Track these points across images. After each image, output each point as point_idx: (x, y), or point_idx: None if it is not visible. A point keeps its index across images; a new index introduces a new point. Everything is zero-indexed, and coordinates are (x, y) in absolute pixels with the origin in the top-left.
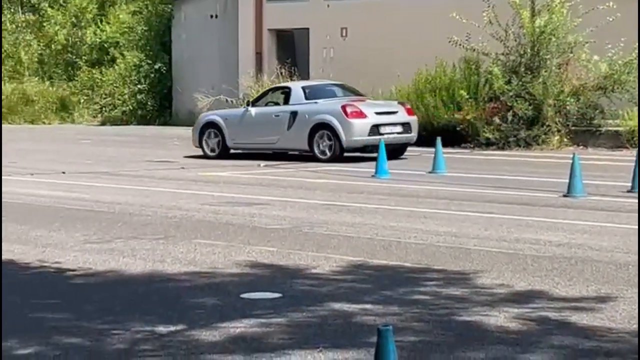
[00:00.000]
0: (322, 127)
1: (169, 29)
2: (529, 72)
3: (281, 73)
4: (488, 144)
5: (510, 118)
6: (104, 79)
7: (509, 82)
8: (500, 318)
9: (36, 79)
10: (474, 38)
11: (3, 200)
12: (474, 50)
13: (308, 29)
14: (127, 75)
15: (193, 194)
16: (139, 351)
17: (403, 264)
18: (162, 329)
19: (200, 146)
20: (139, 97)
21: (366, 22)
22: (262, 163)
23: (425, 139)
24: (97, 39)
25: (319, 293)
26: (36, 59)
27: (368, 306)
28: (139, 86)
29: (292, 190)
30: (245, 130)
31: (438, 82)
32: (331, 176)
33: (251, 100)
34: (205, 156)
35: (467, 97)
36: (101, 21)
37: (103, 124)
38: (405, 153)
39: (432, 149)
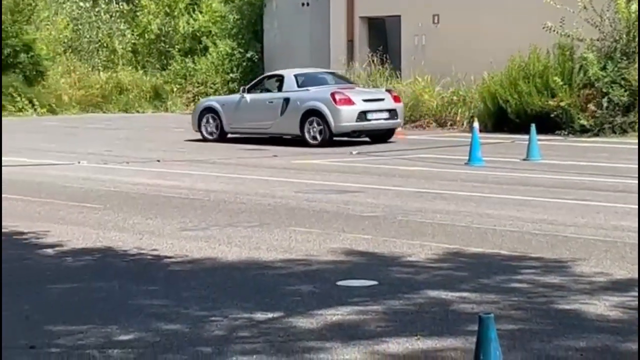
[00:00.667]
0: (312, 114)
1: (261, 17)
2: (625, 58)
3: (372, 61)
4: (582, 131)
5: (605, 104)
6: (196, 67)
7: (604, 68)
8: (600, 307)
9: (130, 68)
10: (568, 24)
11: (100, 187)
12: (568, 36)
13: (399, 16)
14: (219, 64)
15: (286, 181)
16: (237, 338)
17: (499, 252)
18: (259, 315)
19: (199, 130)
20: (231, 85)
21: (458, 8)
22: (355, 151)
23: (518, 126)
24: (190, 28)
25: (415, 281)
26: (130, 49)
27: (465, 294)
28: (231, 75)
29: (385, 178)
30: (241, 115)
31: (532, 68)
32: (424, 164)
33: (247, 86)
34: (204, 139)
35: (561, 83)
36: (194, 10)
37: None
38: (498, 140)
39: (526, 136)
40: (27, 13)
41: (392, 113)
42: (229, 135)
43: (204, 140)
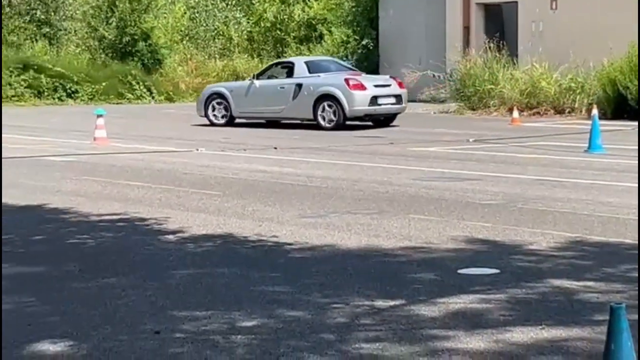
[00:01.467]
0: (326, 98)
1: (376, 4)
2: None
3: (489, 47)
4: None
5: None
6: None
7: None
8: None
9: (245, 56)
10: None
11: (219, 174)
12: None
13: (516, 2)
14: (334, 52)
15: (404, 169)
16: (360, 325)
17: (623, 241)
18: (381, 303)
19: (206, 115)
20: None
21: None
22: (472, 138)
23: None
24: (305, 16)
25: (538, 269)
26: (245, 37)
27: (590, 283)
28: (346, 62)
29: (504, 166)
30: (251, 100)
31: None
32: (543, 151)
33: (256, 73)
34: (211, 124)
35: None
36: None
37: None
38: (618, 127)
39: None
40: (145, 2)
41: (399, 98)
42: (237, 120)
43: (211, 124)
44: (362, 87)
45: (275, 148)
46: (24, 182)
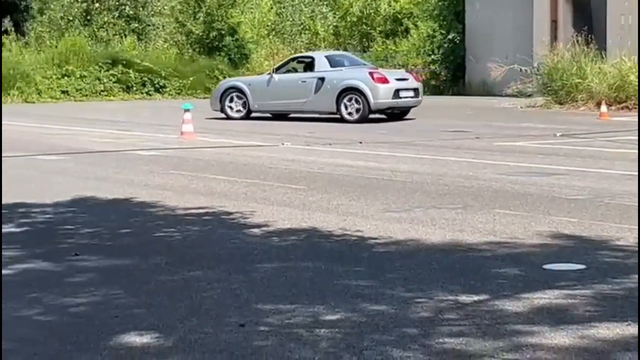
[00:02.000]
0: (350, 91)
1: None
2: None
3: (577, 41)
4: None
5: None
6: (397, 49)
7: None
8: None
9: (332, 51)
10: None
11: (304, 168)
12: None
13: None
14: (420, 46)
15: (489, 163)
16: (443, 320)
17: None
18: (465, 298)
19: (222, 109)
20: (432, 67)
21: None
22: (559, 133)
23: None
24: (391, 10)
25: (625, 265)
26: (332, 31)
27: None
28: (432, 56)
29: (591, 161)
30: (270, 94)
31: None
32: (631, 146)
33: (274, 67)
34: (228, 117)
35: None
36: None
37: None
38: None
39: None
40: None
41: (416, 92)
42: (254, 114)
43: (228, 118)
44: (385, 81)
45: (361, 142)
46: (112, 175)
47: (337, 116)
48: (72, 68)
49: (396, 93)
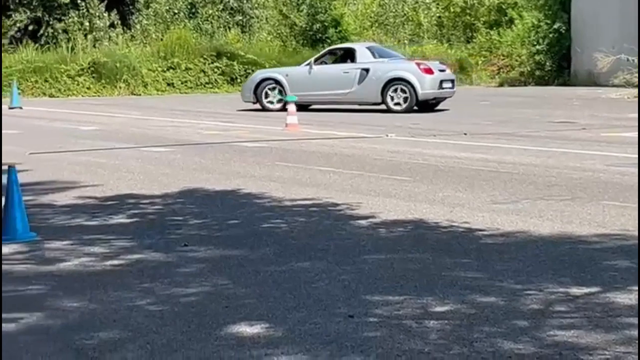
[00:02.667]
0: (396, 82)
1: None
2: None
3: None
4: None
5: None
6: (501, 40)
7: None
8: None
9: (435, 41)
10: None
11: (409, 160)
12: None
13: None
14: (525, 36)
15: (596, 154)
16: (554, 312)
17: None
18: (575, 290)
19: (259, 101)
20: (537, 57)
21: None
22: None
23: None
24: (495, 0)
25: None
26: (435, 22)
27: None
28: (537, 47)
29: None
30: (309, 85)
31: None
32: None
33: (314, 58)
34: (264, 109)
35: None
36: None
37: (500, 85)
38: None
39: None
40: None
41: (453, 83)
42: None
43: (264, 109)
44: (431, 72)
45: (465, 134)
46: (219, 167)
47: (382, 107)
48: (178, 61)
49: (440, 83)
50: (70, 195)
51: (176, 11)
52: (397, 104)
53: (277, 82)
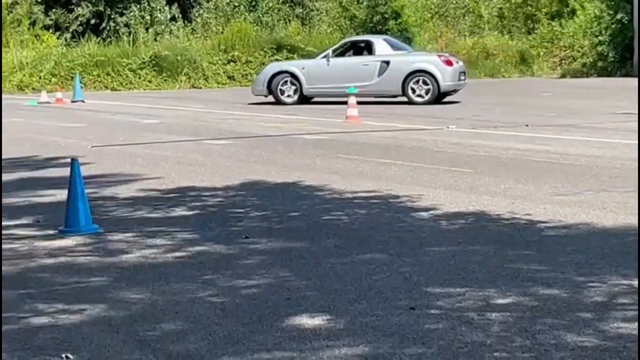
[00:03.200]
0: (418, 74)
1: None
2: None
3: None
4: None
5: None
6: (563, 31)
7: None
8: None
9: (495, 33)
10: None
11: (470, 152)
12: None
13: None
14: (587, 27)
15: None
16: (617, 304)
17: None
18: None
19: (273, 94)
20: (599, 48)
21: None
22: None
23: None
24: None
25: None
26: (496, 13)
27: None
28: (599, 37)
29: None
30: (326, 78)
31: None
32: None
33: (331, 50)
34: (278, 102)
35: None
36: None
37: (562, 76)
38: None
39: None
40: None
41: (465, 75)
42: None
43: (278, 102)
44: (451, 63)
45: (527, 125)
46: (280, 159)
47: (404, 98)
48: (238, 54)
49: (460, 75)
50: (132, 187)
51: (236, 4)
52: (420, 95)
53: (292, 75)
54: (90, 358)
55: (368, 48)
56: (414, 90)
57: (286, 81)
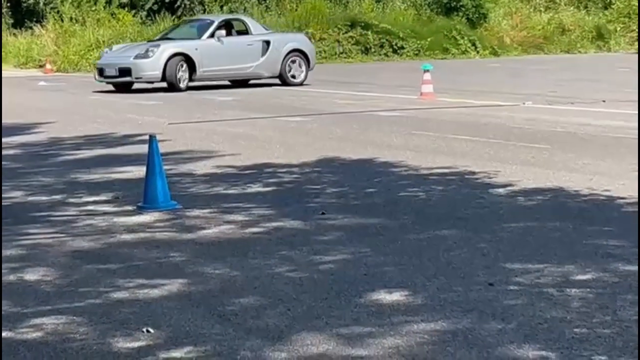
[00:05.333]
0: (294, 53)
1: None
2: None
3: None
4: None
5: None
6: None
7: None
8: None
9: (572, 8)
10: None
11: (547, 128)
12: None
13: None
14: None
15: None
16: None
17: None
18: None
19: (166, 79)
20: None
21: None
22: None
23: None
24: None
25: None
26: None
27: None
28: None
29: None
30: (219, 59)
31: None
32: None
33: (211, 32)
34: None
35: None
36: None
37: None
38: None
39: None
40: None
41: None
42: (196, 83)
43: (174, 89)
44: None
45: (604, 101)
46: (355, 136)
47: (276, 80)
48: (312, 31)
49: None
50: (209, 164)
51: None
52: (294, 76)
53: (186, 57)
54: (171, 332)
55: (240, 26)
56: (289, 70)
57: (182, 64)
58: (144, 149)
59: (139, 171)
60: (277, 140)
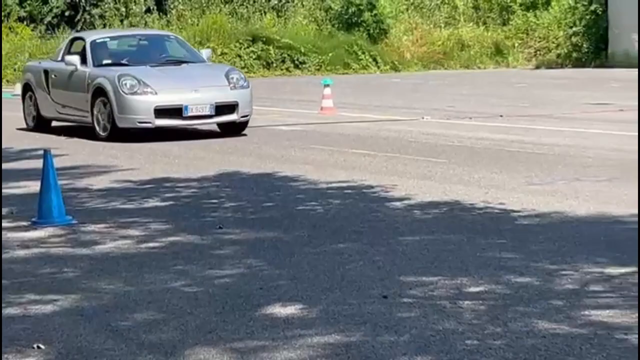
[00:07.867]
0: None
1: None
2: None
3: None
4: None
5: None
6: (538, 22)
7: None
8: None
9: (471, 24)
10: None
11: (444, 142)
12: None
13: None
14: (562, 18)
15: (634, 135)
16: (589, 292)
17: None
18: (611, 270)
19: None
20: (573, 39)
21: None
22: None
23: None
24: None
25: None
26: (471, 5)
27: None
28: (573, 29)
29: None
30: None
31: None
32: None
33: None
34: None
35: None
36: None
37: (537, 67)
38: None
39: None
40: None
41: None
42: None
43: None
44: None
45: (501, 116)
46: (255, 150)
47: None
48: (214, 45)
49: None
50: (106, 179)
51: None
52: None
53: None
54: (62, 348)
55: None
56: None
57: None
58: (39, 163)
59: (35, 186)
60: (176, 154)
